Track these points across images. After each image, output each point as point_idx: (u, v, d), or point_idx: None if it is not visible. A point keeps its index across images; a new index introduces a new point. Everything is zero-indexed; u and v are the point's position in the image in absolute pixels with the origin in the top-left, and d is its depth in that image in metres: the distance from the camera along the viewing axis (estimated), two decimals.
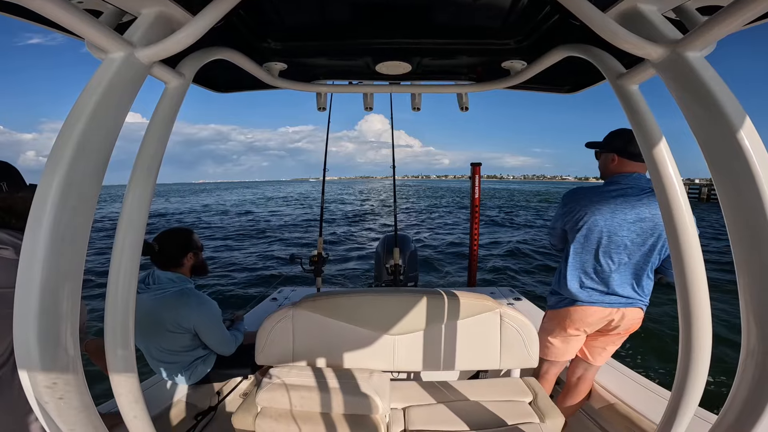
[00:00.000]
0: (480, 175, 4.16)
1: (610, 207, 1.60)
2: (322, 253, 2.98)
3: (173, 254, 1.78)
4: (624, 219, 1.59)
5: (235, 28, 0.93)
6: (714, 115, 0.57)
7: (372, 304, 1.71)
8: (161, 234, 1.82)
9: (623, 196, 1.60)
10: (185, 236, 1.84)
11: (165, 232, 1.84)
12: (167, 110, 0.78)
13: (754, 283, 0.56)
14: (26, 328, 0.54)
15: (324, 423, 1.39)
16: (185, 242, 1.82)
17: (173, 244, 1.79)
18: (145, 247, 1.72)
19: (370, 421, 1.40)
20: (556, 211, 1.79)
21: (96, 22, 0.57)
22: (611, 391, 1.84)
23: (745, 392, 0.59)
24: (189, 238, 1.85)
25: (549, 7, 0.85)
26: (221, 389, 2.07)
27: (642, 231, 1.58)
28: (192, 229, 1.93)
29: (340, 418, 1.41)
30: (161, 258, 1.77)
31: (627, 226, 1.58)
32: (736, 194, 0.56)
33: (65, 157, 0.56)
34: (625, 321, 1.69)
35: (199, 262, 1.88)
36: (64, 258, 0.56)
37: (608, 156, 1.69)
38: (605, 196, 1.62)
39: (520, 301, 2.92)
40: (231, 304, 6.03)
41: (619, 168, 1.66)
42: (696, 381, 0.70)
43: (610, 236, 1.60)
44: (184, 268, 1.81)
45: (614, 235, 1.60)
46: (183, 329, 1.72)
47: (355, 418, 1.41)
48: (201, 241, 1.93)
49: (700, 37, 0.57)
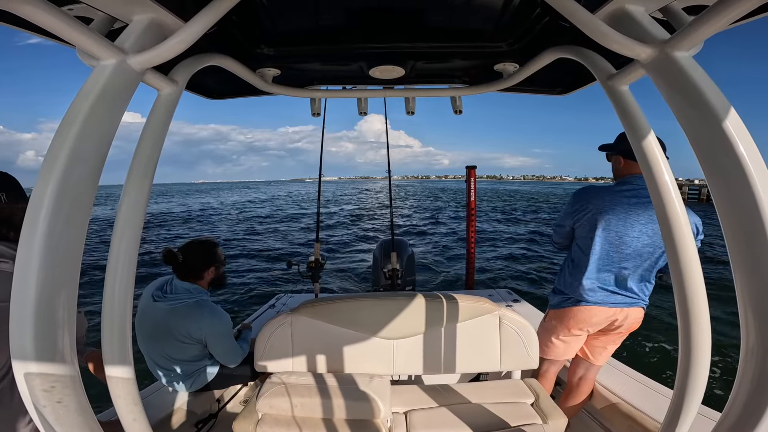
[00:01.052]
0: (476, 178, 4.17)
1: (623, 207, 1.60)
2: (319, 258, 2.97)
3: (195, 266, 1.78)
4: (636, 220, 1.58)
5: (228, 34, 0.94)
6: (704, 113, 0.57)
7: (370, 308, 1.70)
8: (186, 244, 1.81)
9: (636, 197, 1.60)
10: (210, 249, 1.83)
11: (190, 242, 1.83)
12: (160, 117, 0.78)
13: (750, 281, 0.56)
14: (23, 335, 0.54)
15: (325, 428, 1.38)
16: (209, 255, 1.81)
17: (197, 256, 1.79)
18: (169, 256, 1.74)
19: (372, 425, 1.39)
20: (565, 209, 1.78)
21: (87, 29, 0.57)
22: (613, 391, 1.83)
23: (746, 391, 0.59)
24: (213, 251, 1.83)
25: (539, 9, 0.86)
26: (221, 396, 2.06)
27: (653, 233, 1.57)
28: (217, 242, 1.92)
29: (341, 423, 1.40)
30: (183, 268, 1.77)
31: (639, 227, 1.58)
32: (728, 192, 0.56)
33: (59, 165, 0.55)
34: (628, 321, 1.69)
35: (218, 276, 1.87)
36: (60, 265, 0.56)
37: (617, 158, 1.72)
38: (618, 196, 1.63)
39: (518, 303, 2.92)
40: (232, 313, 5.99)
41: (628, 170, 1.68)
42: (697, 379, 0.70)
43: (621, 236, 1.60)
44: (203, 281, 1.81)
45: (626, 235, 1.59)
46: (193, 340, 1.71)
47: (357, 423, 1.40)
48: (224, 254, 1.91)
49: (687, 37, 0.58)
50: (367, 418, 1.40)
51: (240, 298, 7.12)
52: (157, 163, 0.77)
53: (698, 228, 1.58)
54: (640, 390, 1.81)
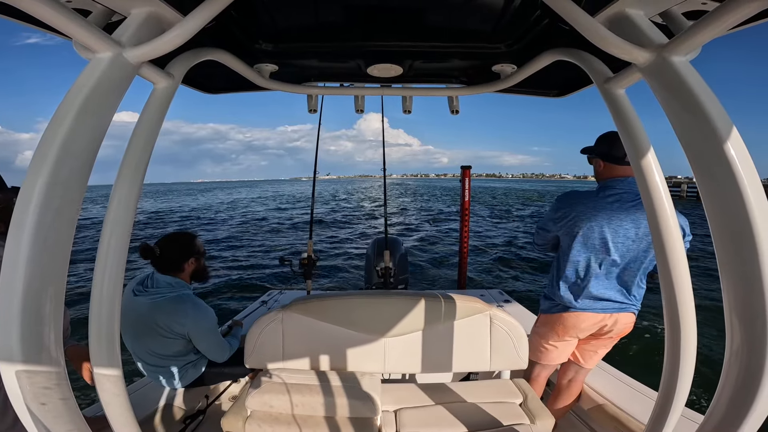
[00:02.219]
0: (470, 178, 4.18)
1: (606, 213, 1.58)
2: (312, 255, 2.96)
3: (174, 259, 1.74)
4: (620, 225, 1.57)
5: (226, 29, 0.93)
6: (698, 118, 0.58)
7: (362, 306, 1.70)
8: (163, 238, 1.78)
9: (619, 201, 1.58)
10: (187, 241, 1.80)
11: (167, 235, 1.80)
12: (155, 111, 0.77)
13: (736, 284, 0.57)
14: (9, 331, 0.53)
15: (315, 425, 1.38)
16: (187, 247, 1.78)
17: (175, 248, 1.75)
18: (146, 251, 1.70)
19: (361, 423, 1.39)
20: (548, 213, 1.77)
21: (84, 21, 0.56)
22: (600, 393, 1.86)
23: (730, 392, 0.60)
24: (191, 243, 1.80)
25: (539, 11, 0.86)
26: (211, 392, 2.04)
27: (637, 237, 1.56)
28: (195, 234, 1.89)
29: (331, 420, 1.40)
30: (162, 262, 1.73)
31: (623, 232, 1.57)
32: (719, 197, 0.57)
33: (49, 158, 0.55)
34: (617, 326, 1.69)
35: (200, 268, 1.84)
36: (48, 260, 0.55)
37: (597, 161, 1.69)
38: (601, 201, 1.60)
39: (509, 304, 2.94)
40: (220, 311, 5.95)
41: (609, 172, 1.64)
42: (683, 382, 0.71)
43: (605, 242, 1.58)
44: (184, 273, 1.78)
45: (609, 241, 1.58)
46: (176, 334, 1.68)
47: (347, 421, 1.40)
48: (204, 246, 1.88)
49: (685, 42, 0.58)
50: (356, 416, 1.40)
51: (231, 295, 7.08)
52: (149, 159, 0.76)
53: (685, 230, 1.57)
54: (626, 392, 1.84)
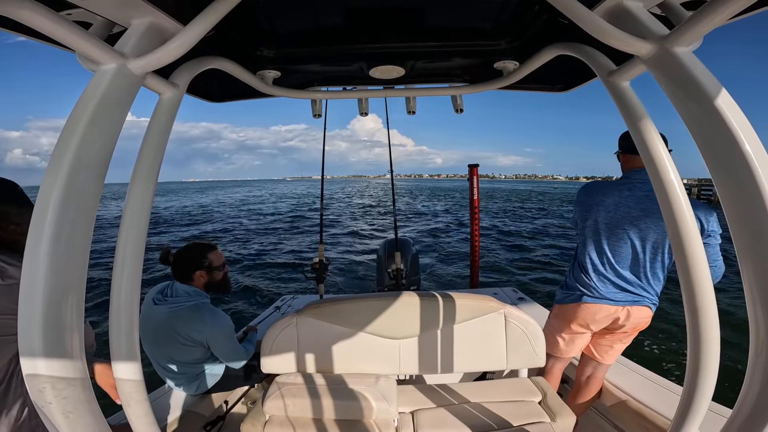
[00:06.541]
0: (478, 176, 4.15)
1: (614, 200, 1.61)
2: (323, 259, 2.97)
3: (182, 269, 1.78)
4: (627, 213, 1.58)
5: (228, 37, 0.94)
6: (706, 108, 0.57)
7: (375, 309, 1.70)
8: (184, 246, 1.82)
9: (630, 189, 1.61)
10: (198, 253, 1.81)
11: (186, 245, 1.83)
12: (162, 121, 0.78)
13: (758, 276, 0.55)
14: (31, 339, 0.54)
15: (332, 429, 1.38)
16: (197, 259, 1.79)
17: (184, 259, 1.78)
18: (164, 257, 1.77)
19: (379, 425, 1.39)
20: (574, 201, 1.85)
21: (86, 33, 0.57)
22: (621, 388, 1.82)
23: (757, 386, 0.58)
24: (202, 255, 1.80)
25: (538, 6, 0.85)
26: (229, 398, 2.07)
27: (646, 227, 1.56)
28: (213, 246, 1.87)
29: (348, 423, 1.40)
30: (174, 271, 1.78)
31: (630, 220, 1.57)
32: (734, 186, 0.56)
33: (63, 171, 0.56)
34: (631, 319, 1.66)
35: (213, 281, 1.83)
36: (66, 270, 0.56)
37: (620, 156, 1.75)
38: (613, 189, 1.65)
39: (524, 302, 2.91)
40: (234, 316, 6.00)
41: (629, 164, 1.70)
42: (707, 375, 0.69)
43: (612, 229, 1.60)
44: (196, 284, 1.80)
45: (616, 227, 1.59)
46: (195, 342, 1.72)
47: (363, 424, 1.40)
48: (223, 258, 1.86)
49: (686, 32, 0.57)
50: (374, 418, 1.40)
51: (244, 301, 7.15)
52: (160, 167, 0.77)
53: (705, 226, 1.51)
54: (649, 387, 1.80)
